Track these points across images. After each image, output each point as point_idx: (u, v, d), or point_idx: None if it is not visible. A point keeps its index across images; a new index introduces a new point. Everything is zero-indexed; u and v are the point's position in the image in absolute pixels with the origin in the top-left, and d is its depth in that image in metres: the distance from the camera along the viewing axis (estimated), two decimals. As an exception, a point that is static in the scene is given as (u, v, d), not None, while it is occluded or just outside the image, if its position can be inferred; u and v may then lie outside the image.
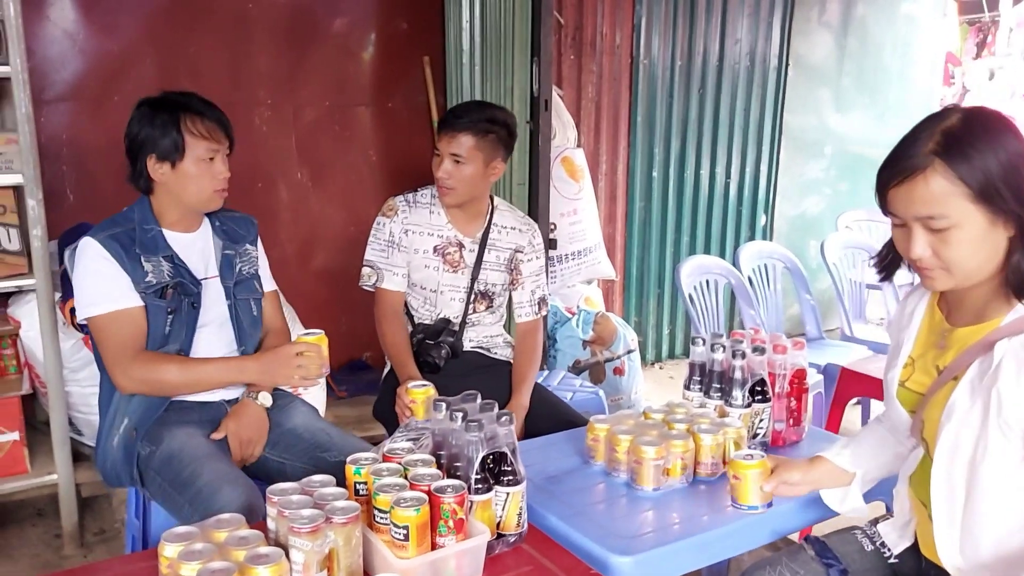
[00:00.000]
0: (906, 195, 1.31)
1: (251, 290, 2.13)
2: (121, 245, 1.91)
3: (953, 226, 1.28)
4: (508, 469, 1.49)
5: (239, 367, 1.97)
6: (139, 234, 1.94)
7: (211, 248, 2.07)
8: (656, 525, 1.61)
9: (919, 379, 1.47)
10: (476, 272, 2.44)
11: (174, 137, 1.91)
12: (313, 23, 3.58)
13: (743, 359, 1.88)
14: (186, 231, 2.03)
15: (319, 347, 1.89)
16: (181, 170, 1.93)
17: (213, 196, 1.99)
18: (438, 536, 1.38)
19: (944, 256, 1.31)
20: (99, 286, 1.89)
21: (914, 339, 1.51)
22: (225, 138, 1.99)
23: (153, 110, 1.93)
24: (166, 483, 1.86)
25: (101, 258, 1.89)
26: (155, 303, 1.92)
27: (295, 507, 1.35)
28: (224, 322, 2.06)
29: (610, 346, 3.69)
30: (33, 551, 2.72)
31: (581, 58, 4.20)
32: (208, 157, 1.94)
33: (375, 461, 1.51)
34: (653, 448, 1.71)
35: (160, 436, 1.93)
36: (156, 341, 1.93)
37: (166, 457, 1.89)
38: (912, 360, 1.50)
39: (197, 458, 1.85)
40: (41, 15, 3.01)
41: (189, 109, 1.94)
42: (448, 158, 2.31)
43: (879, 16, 5.45)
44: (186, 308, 1.97)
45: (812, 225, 5.41)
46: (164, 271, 1.94)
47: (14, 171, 2.47)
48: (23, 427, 2.66)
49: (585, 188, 3.92)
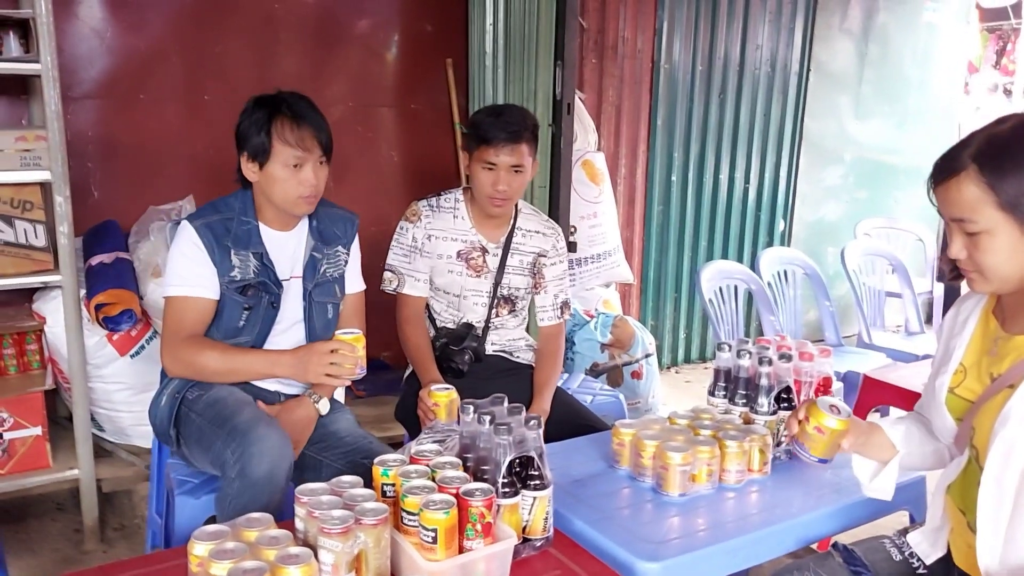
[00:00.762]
0: (943, 195, 1.35)
1: (330, 293, 2.13)
2: (214, 235, 1.95)
3: (983, 232, 1.29)
4: (535, 473, 1.49)
5: (275, 359, 1.98)
6: (236, 225, 1.98)
7: (302, 248, 2.09)
8: (682, 531, 1.61)
9: (971, 386, 1.46)
10: (499, 277, 2.44)
11: (263, 139, 1.91)
12: (338, 24, 3.59)
13: (770, 366, 1.87)
14: (282, 229, 2.05)
15: (354, 346, 1.89)
16: (268, 172, 1.94)
17: (298, 202, 1.98)
18: (466, 539, 1.38)
19: (977, 260, 1.32)
20: (183, 269, 1.95)
21: (966, 346, 1.50)
22: (317, 147, 1.95)
23: (255, 107, 1.95)
24: (205, 421, 1.91)
25: (192, 244, 1.94)
26: (234, 298, 1.97)
27: (325, 508, 1.36)
28: (298, 322, 2.09)
29: (628, 350, 3.68)
30: (54, 545, 2.73)
31: (603, 62, 4.20)
32: (294, 164, 1.93)
33: (403, 463, 1.51)
34: (680, 454, 1.70)
35: (211, 386, 1.99)
36: (229, 333, 1.99)
37: (212, 400, 1.94)
38: (964, 367, 1.49)
39: (241, 402, 1.92)
40: (70, 13, 3.04)
41: (283, 112, 1.92)
42: (507, 170, 2.28)
43: (900, 24, 5.43)
44: (264, 306, 2.01)
45: (830, 232, 5.39)
46: (251, 267, 1.98)
47: (42, 167, 2.48)
48: (46, 422, 2.68)
49: (605, 191, 3.92)
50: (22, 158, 2.46)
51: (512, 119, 2.28)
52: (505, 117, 2.29)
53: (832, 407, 1.55)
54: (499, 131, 2.25)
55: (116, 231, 2.97)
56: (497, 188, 2.28)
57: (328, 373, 1.88)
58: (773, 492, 1.80)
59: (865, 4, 5.21)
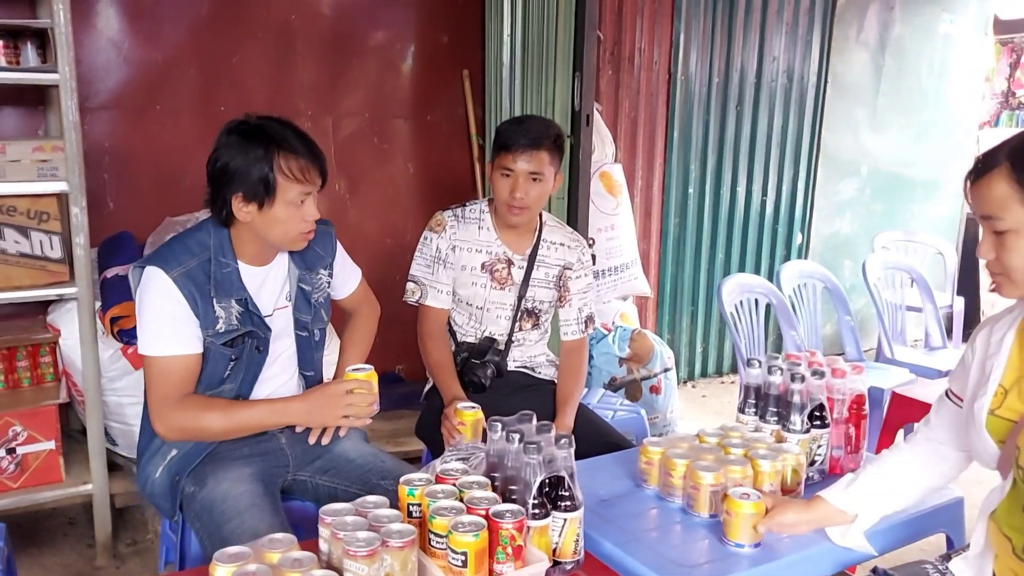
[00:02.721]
0: (976, 193, 1.35)
1: (319, 320, 2.04)
2: (196, 284, 1.76)
3: (1011, 230, 1.28)
4: (566, 494, 1.45)
5: (283, 409, 1.85)
6: (215, 269, 1.79)
7: (284, 277, 1.95)
8: (713, 554, 1.56)
9: (1012, 406, 1.42)
10: (524, 290, 2.40)
11: (266, 177, 1.72)
12: (354, 36, 3.58)
13: (802, 383, 1.82)
14: (262, 264, 1.89)
15: (370, 384, 1.81)
16: (268, 213, 1.75)
17: (298, 239, 1.84)
18: (496, 563, 1.33)
19: (1004, 263, 1.31)
20: (164, 327, 1.76)
21: (1004, 366, 1.46)
22: (319, 177, 1.80)
23: (244, 140, 1.74)
24: (204, 532, 1.78)
25: (173, 298, 1.74)
26: (220, 351, 1.81)
27: (350, 529, 1.32)
28: (291, 353, 1.99)
29: (646, 364, 3.63)
30: (65, 560, 2.70)
31: (619, 73, 4.17)
32: (299, 200, 1.77)
33: (428, 482, 1.47)
34: (711, 474, 1.65)
35: (205, 477, 1.83)
36: (212, 384, 1.84)
37: (208, 503, 1.78)
38: (1003, 388, 1.45)
39: (239, 512, 1.73)
40: (88, 24, 3.02)
41: (285, 146, 1.74)
42: (524, 177, 2.23)
43: (917, 35, 5.39)
44: (249, 351, 1.86)
45: (846, 245, 5.34)
46: (234, 316, 1.81)
47: (59, 178, 2.45)
48: (59, 436, 2.64)
49: (623, 204, 3.88)
50: (39, 169, 2.43)
51: (533, 127, 2.25)
52: (527, 125, 2.26)
53: (744, 495, 1.57)
54: (519, 137, 2.22)
55: (131, 242, 2.95)
56: (514, 195, 2.24)
57: (344, 415, 1.80)
58: (807, 513, 1.74)
59: (881, 16, 5.18)
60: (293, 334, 2.00)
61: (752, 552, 1.56)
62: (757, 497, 1.57)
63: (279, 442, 1.99)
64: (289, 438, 2.01)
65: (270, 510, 1.78)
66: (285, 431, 2.00)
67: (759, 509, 1.56)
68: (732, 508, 1.56)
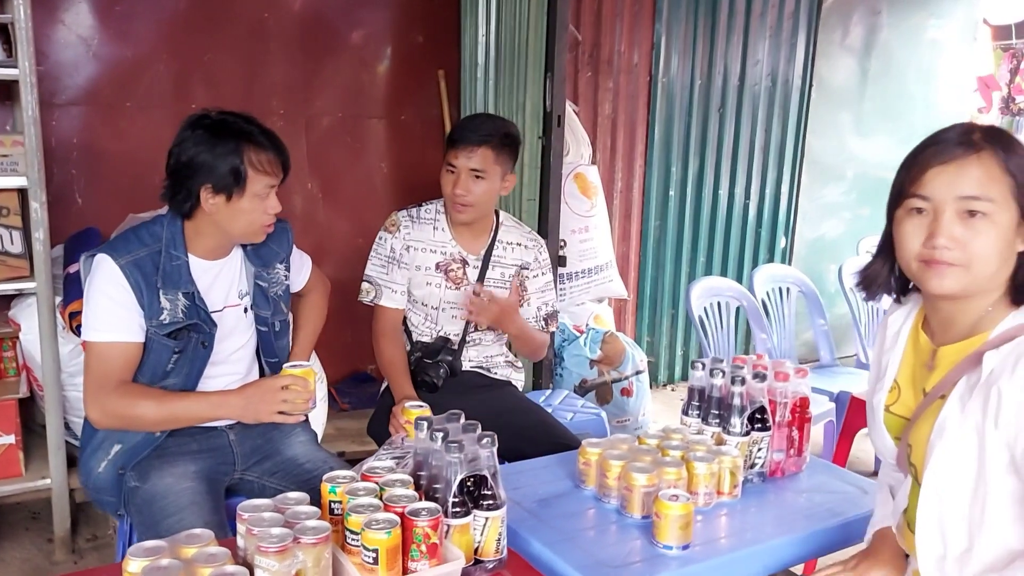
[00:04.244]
0: (954, 173, 1.28)
1: (279, 312, 2.06)
2: (143, 274, 1.79)
3: (989, 214, 1.26)
4: (488, 493, 1.44)
5: (219, 402, 1.86)
6: (164, 261, 1.82)
7: (239, 274, 1.97)
8: (642, 555, 1.56)
9: (906, 403, 1.42)
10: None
11: (236, 169, 1.77)
12: (329, 34, 3.57)
13: (742, 385, 1.82)
14: (215, 259, 1.91)
15: (306, 380, 1.81)
16: (235, 205, 1.81)
17: (259, 231, 1.89)
18: (410, 560, 1.33)
19: (970, 248, 1.27)
20: (107, 312, 1.78)
21: (899, 361, 1.46)
22: (282, 171, 1.87)
23: (212, 135, 1.78)
24: (143, 526, 1.78)
25: (119, 285, 1.77)
26: (162, 341, 1.82)
27: (265, 525, 1.32)
28: (245, 351, 2.00)
29: (618, 366, 3.63)
30: (24, 555, 2.70)
31: (598, 75, 4.16)
32: (265, 193, 1.83)
33: (353, 480, 1.47)
34: (645, 475, 1.65)
35: (149, 471, 1.84)
36: (156, 376, 1.85)
37: (149, 498, 1.79)
38: (898, 384, 1.45)
39: (179, 508, 1.73)
40: (55, 19, 3.02)
41: (253, 139, 1.80)
42: (466, 174, 2.24)
43: (903, 40, 5.37)
44: (194, 346, 1.87)
45: (831, 249, 5.32)
46: (180, 308, 1.83)
47: (19, 173, 2.46)
48: (19, 430, 2.65)
49: (598, 206, 3.87)
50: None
51: (482, 125, 2.26)
52: (476, 122, 2.27)
53: (673, 497, 1.56)
54: (466, 133, 2.23)
55: (98, 239, 2.94)
56: (455, 191, 2.25)
57: (280, 411, 1.80)
58: (743, 516, 1.74)
59: (868, 20, 5.17)
60: (249, 332, 2.01)
61: (680, 554, 1.56)
62: (686, 499, 1.57)
63: (226, 439, 1.99)
64: (237, 436, 2.01)
65: (210, 508, 1.78)
66: (234, 428, 2.01)
67: (687, 511, 1.56)
68: (661, 510, 1.56)
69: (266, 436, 2.03)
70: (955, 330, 1.36)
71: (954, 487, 1.28)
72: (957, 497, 1.28)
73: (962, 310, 1.34)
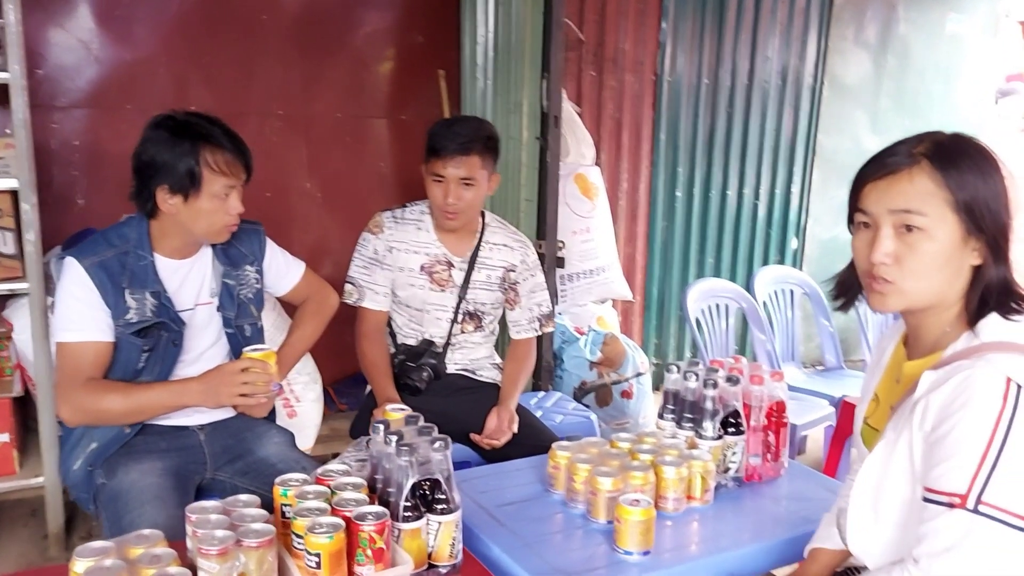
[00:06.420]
0: (886, 188, 1.27)
1: (247, 315, 2.06)
2: (108, 275, 1.82)
3: (926, 229, 1.24)
4: (442, 497, 1.43)
5: (181, 389, 1.87)
6: (131, 261, 1.85)
7: (208, 274, 1.98)
8: (602, 561, 1.53)
9: (881, 416, 1.40)
10: (464, 292, 2.38)
11: (191, 170, 1.79)
12: (329, 35, 3.58)
13: (715, 388, 1.78)
14: (183, 258, 1.94)
15: (266, 363, 1.82)
16: (194, 205, 1.83)
17: (222, 231, 1.90)
18: (356, 565, 1.32)
19: (906, 265, 1.26)
20: (75, 313, 1.82)
21: (882, 375, 1.45)
22: (243, 172, 1.88)
23: (172, 136, 1.81)
24: (108, 521, 1.80)
25: (84, 286, 1.81)
26: (131, 340, 1.85)
27: (210, 527, 1.31)
28: (210, 348, 2.01)
29: (618, 368, 3.59)
30: (20, 550, 2.74)
31: (602, 75, 4.13)
32: (224, 194, 1.84)
33: (305, 483, 1.46)
34: (610, 479, 1.63)
35: (115, 468, 1.85)
36: (128, 374, 1.87)
37: (114, 493, 1.81)
38: (877, 397, 1.45)
39: (142, 503, 1.75)
40: (54, 23, 3.06)
41: (210, 140, 1.82)
42: (457, 183, 2.22)
43: (921, 35, 5.25)
44: (164, 345, 1.90)
45: (845, 250, 5.08)
46: (147, 308, 1.85)
47: (11, 175, 2.49)
48: (14, 428, 2.68)
49: (599, 207, 3.84)
50: (-7, 166, 2.48)
51: (463, 130, 2.22)
52: (456, 128, 2.24)
53: (634, 502, 1.53)
54: (448, 142, 2.21)
55: (96, 239, 2.98)
56: (447, 201, 2.23)
57: (241, 394, 1.80)
58: (714, 522, 1.71)
59: (883, 15, 5.06)
60: (220, 331, 2.02)
61: (640, 560, 1.53)
62: (647, 504, 1.54)
63: (197, 439, 2.00)
64: (208, 435, 2.02)
65: (175, 503, 1.78)
66: (205, 428, 2.02)
67: (648, 516, 1.53)
68: (622, 515, 1.53)
69: (238, 436, 2.03)
70: (921, 345, 1.36)
71: (873, 492, 1.30)
72: (886, 503, 1.29)
73: (922, 325, 1.33)
